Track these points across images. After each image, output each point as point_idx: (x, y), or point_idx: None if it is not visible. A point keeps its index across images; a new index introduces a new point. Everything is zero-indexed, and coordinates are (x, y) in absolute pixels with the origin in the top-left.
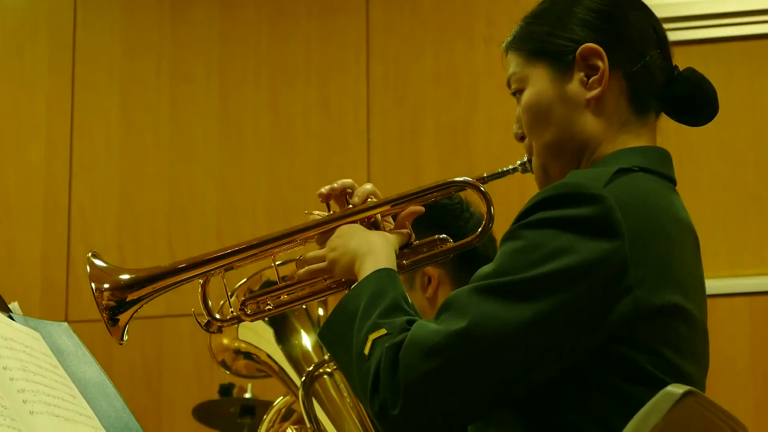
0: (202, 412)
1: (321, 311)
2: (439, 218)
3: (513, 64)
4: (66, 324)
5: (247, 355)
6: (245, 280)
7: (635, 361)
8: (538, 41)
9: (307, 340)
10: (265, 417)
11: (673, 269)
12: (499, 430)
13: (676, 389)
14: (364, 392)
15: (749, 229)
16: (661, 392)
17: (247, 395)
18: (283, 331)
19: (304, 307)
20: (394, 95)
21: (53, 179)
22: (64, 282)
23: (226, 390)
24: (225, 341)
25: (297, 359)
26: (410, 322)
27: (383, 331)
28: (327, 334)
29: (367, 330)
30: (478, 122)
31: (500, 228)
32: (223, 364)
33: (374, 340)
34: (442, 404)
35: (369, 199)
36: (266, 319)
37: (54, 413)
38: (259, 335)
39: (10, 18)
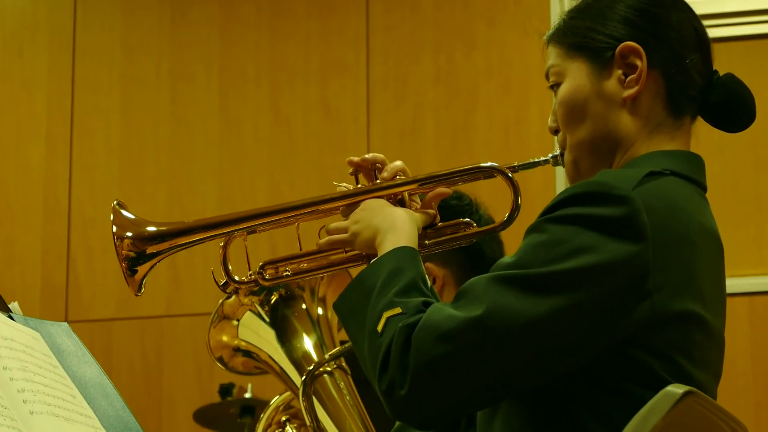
0: (202, 412)
1: (320, 311)
2: (448, 218)
3: (552, 56)
4: (66, 324)
5: (246, 353)
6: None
7: (648, 366)
8: (578, 35)
9: (307, 341)
10: (262, 415)
11: (695, 277)
12: (504, 425)
13: (676, 389)
14: (374, 368)
15: (749, 228)
16: (661, 392)
17: (247, 395)
18: (283, 332)
19: (304, 306)
20: (393, 95)
21: (53, 179)
22: (64, 282)
23: (226, 390)
24: (224, 338)
25: (297, 360)
26: (426, 304)
27: (398, 310)
28: (341, 307)
29: (383, 307)
30: (478, 122)
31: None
32: (221, 360)
33: (388, 318)
34: (449, 389)
35: (398, 177)
36: (267, 319)
37: (54, 413)
38: (259, 336)
39: (10, 18)
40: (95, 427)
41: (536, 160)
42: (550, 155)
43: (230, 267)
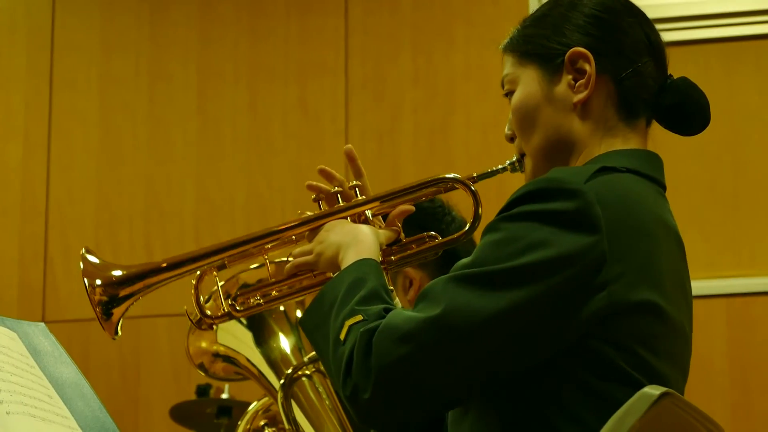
0: (179, 413)
1: (299, 313)
2: (421, 221)
3: (507, 65)
4: (43, 324)
5: (226, 359)
6: (222, 282)
7: (608, 358)
8: (531, 43)
9: (285, 343)
10: (240, 422)
11: (652, 268)
12: (473, 426)
13: (653, 390)
14: (338, 376)
15: (726, 230)
16: (638, 393)
17: (224, 396)
18: (261, 334)
19: (282, 309)
20: (372, 95)
21: (31, 179)
22: (41, 282)
23: (203, 390)
24: (203, 344)
25: (276, 362)
26: (387, 310)
27: (359, 318)
28: (307, 321)
29: (344, 316)
30: (456, 123)
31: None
32: (201, 367)
33: (350, 326)
34: (413, 390)
35: (359, 197)
36: (245, 322)
37: (30, 413)
38: (238, 339)
39: None
40: (72, 428)
41: (494, 169)
42: (508, 162)
43: (203, 303)
